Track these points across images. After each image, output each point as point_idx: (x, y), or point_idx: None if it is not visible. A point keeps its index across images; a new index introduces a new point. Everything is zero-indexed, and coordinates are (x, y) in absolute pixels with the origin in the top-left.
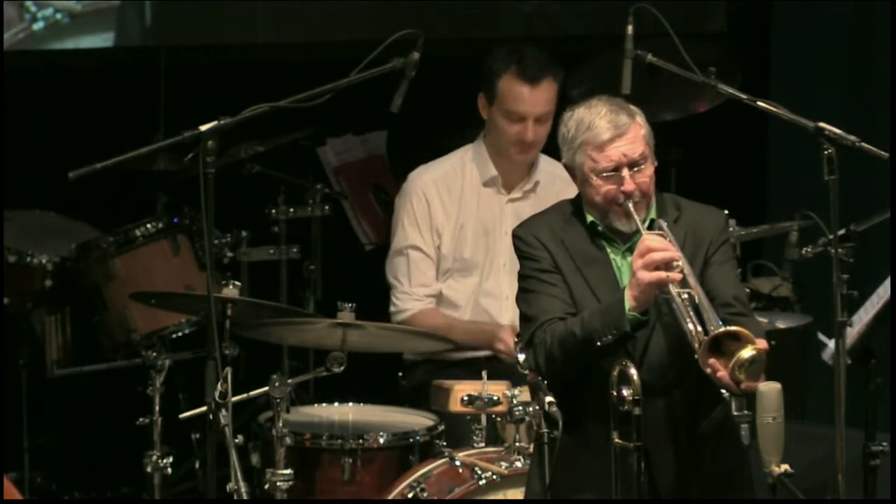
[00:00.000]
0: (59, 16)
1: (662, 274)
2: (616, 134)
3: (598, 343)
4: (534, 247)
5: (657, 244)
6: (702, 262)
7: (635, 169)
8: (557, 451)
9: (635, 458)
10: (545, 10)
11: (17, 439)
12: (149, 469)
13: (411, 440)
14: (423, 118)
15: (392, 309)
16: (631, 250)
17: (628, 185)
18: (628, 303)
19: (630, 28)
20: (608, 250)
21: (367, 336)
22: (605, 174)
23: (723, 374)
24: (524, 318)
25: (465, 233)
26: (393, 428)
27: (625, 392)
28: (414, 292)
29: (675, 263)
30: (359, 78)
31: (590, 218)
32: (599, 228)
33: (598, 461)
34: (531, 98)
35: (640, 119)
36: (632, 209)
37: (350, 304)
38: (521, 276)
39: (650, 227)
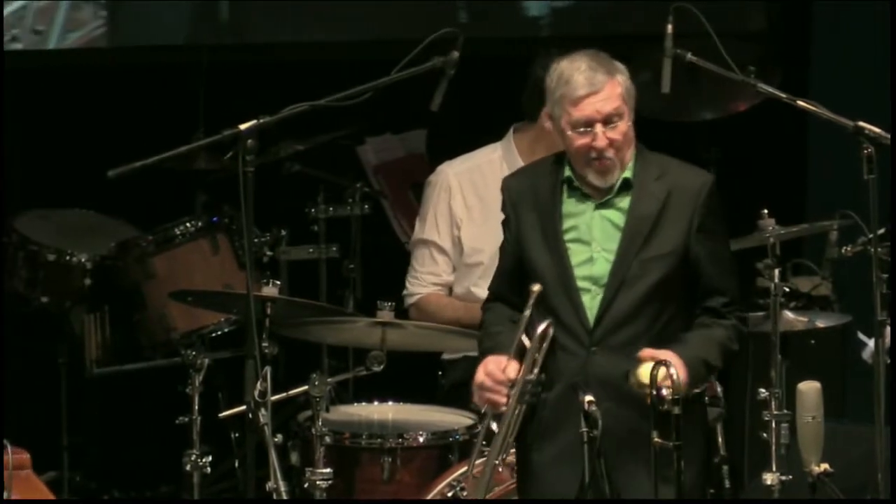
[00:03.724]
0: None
1: (491, 400)
2: (591, 91)
3: None
4: (504, 203)
5: (491, 380)
6: (687, 225)
7: (609, 125)
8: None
9: (675, 458)
10: (584, 9)
11: (57, 438)
12: (188, 468)
13: (451, 439)
14: (463, 117)
15: (403, 293)
16: (602, 206)
17: (600, 141)
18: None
19: (670, 27)
20: (577, 204)
21: (407, 335)
22: (579, 129)
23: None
24: None
25: (491, 229)
26: (432, 427)
27: (664, 392)
28: (423, 279)
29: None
30: (399, 77)
31: (566, 172)
32: (575, 183)
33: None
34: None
35: (621, 77)
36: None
37: (389, 303)
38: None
39: (623, 186)
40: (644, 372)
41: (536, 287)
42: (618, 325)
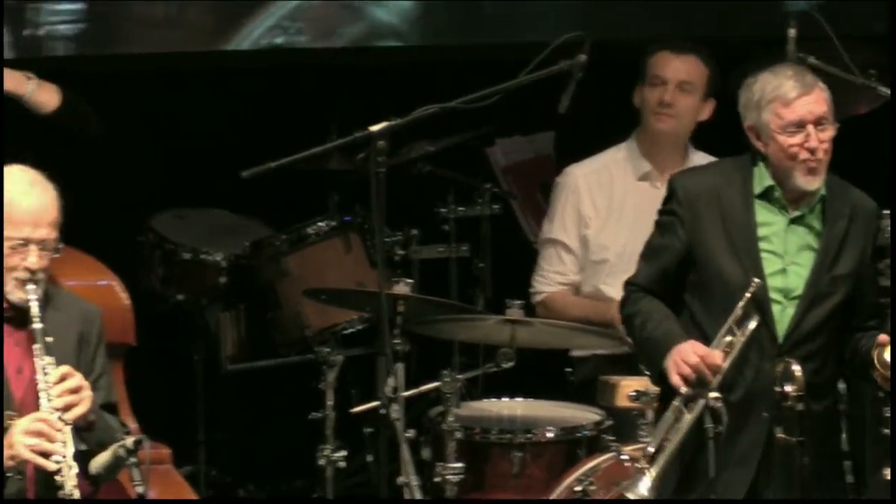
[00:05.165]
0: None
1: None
2: (803, 91)
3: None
4: (677, 201)
5: (705, 363)
6: (864, 247)
7: (819, 127)
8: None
9: (799, 454)
10: (711, 11)
11: (193, 434)
12: (321, 463)
13: (579, 435)
14: (591, 119)
15: (530, 290)
16: (796, 221)
17: (813, 140)
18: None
19: (793, 31)
20: (770, 215)
21: (536, 332)
22: (791, 129)
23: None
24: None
25: (618, 227)
26: (561, 422)
27: (787, 388)
28: (550, 277)
29: None
30: (527, 79)
31: (768, 182)
32: (776, 194)
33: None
34: (673, 64)
35: (822, 85)
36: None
37: (519, 302)
38: (655, 221)
39: (824, 206)
40: (888, 355)
41: (756, 282)
42: (804, 339)
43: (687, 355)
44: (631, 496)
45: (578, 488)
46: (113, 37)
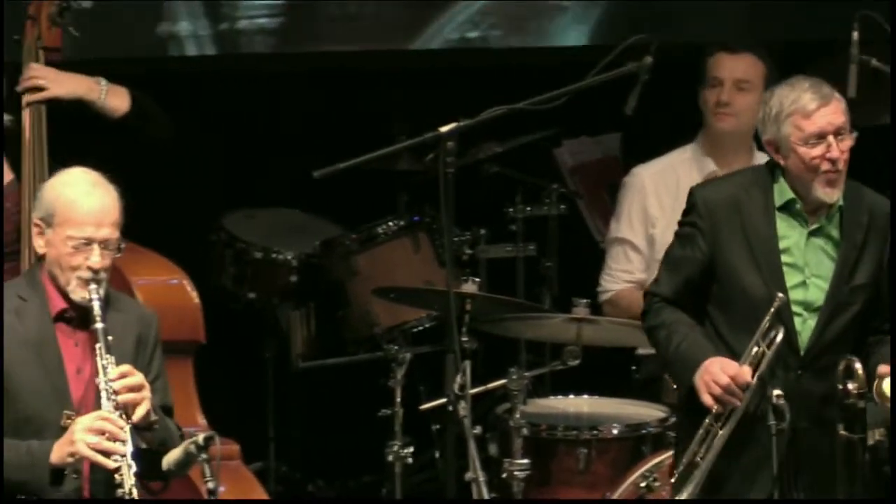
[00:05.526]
0: None
1: (730, 402)
2: (822, 103)
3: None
4: (698, 213)
5: (735, 383)
6: (881, 254)
7: (839, 137)
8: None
9: (860, 450)
10: (777, 14)
11: (263, 430)
12: (390, 458)
13: (644, 431)
14: (658, 120)
15: (598, 289)
16: (815, 233)
17: (834, 151)
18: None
19: (856, 34)
20: (789, 228)
21: (602, 331)
22: (811, 141)
23: None
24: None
25: None
26: (626, 419)
27: (850, 386)
28: (617, 276)
29: None
30: (594, 81)
31: (789, 195)
32: (797, 206)
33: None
34: (729, 63)
35: (839, 96)
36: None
37: (585, 300)
38: (675, 232)
39: (842, 217)
40: (886, 387)
41: (781, 297)
42: (825, 350)
43: (717, 376)
44: None
45: (643, 484)
46: (314, 32)
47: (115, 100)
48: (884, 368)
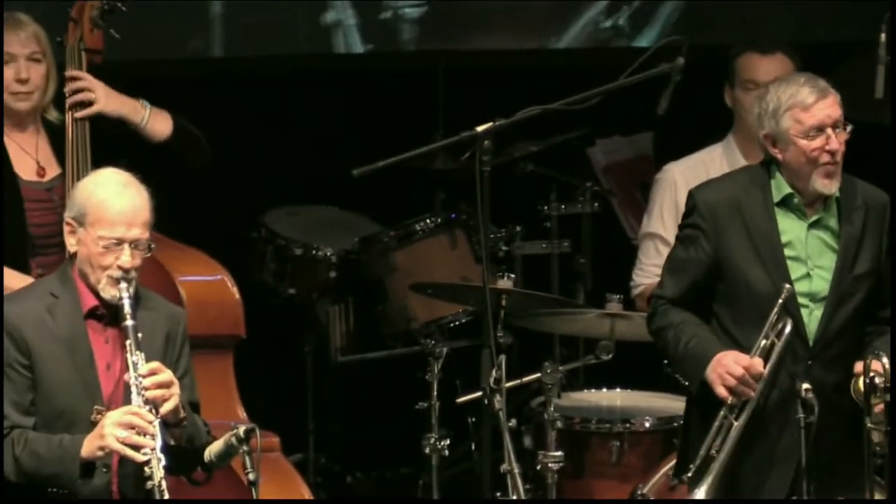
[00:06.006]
0: None
1: (745, 393)
2: (820, 96)
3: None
4: (700, 215)
5: (749, 374)
6: (880, 243)
7: (836, 130)
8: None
9: (889, 443)
10: (795, 13)
11: (303, 423)
12: (427, 450)
13: (675, 424)
14: (689, 120)
15: (630, 283)
16: (814, 225)
17: (833, 143)
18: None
19: (883, 35)
20: (790, 222)
21: (634, 326)
22: (811, 133)
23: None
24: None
25: None
26: (658, 413)
27: (877, 380)
28: (648, 270)
29: None
30: (627, 82)
31: (786, 190)
32: (795, 201)
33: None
34: (763, 65)
35: (834, 90)
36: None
37: (618, 296)
38: (676, 236)
39: (839, 208)
40: (860, 385)
41: (788, 287)
42: (833, 339)
43: (731, 367)
44: None
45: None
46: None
47: (158, 124)
48: (858, 367)
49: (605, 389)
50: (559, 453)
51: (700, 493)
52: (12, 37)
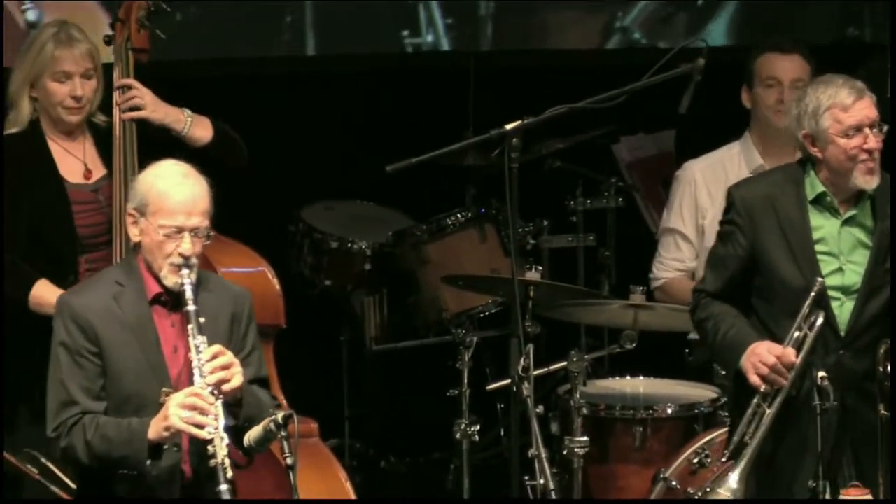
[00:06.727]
0: None
1: (777, 381)
2: (858, 97)
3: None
4: (736, 212)
5: (781, 363)
6: None
7: (874, 129)
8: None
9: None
10: (816, 14)
11: (339, 409)
12: (458, 436)
13: (696, 411)
14: (709, 118)
15: (650, 276)
16: (848, 222)
17: (872, 141)
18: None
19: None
20: (823, 219)
21: (657, 316)
22: (851, 132)
23: None
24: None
25: None
26: (680, 400)
27: (890, 368)
28: (668, 264)
29: None
30: (650, 82)
31: (820, 188)
32: (827, 198)
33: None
34: (783, 64)
35: (870, 92)
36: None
37: (641, 287)
38: (717, 232)
39: (858, 201)
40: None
41: (820, 280)
42: (864, 330)
43: (764, 356)
44: (722, 491)
45: (695, 460)
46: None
47: (199, 131)
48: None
49: (628, 377)
50: (585, 439)
51: (733, 478)
52: (66, 54)
